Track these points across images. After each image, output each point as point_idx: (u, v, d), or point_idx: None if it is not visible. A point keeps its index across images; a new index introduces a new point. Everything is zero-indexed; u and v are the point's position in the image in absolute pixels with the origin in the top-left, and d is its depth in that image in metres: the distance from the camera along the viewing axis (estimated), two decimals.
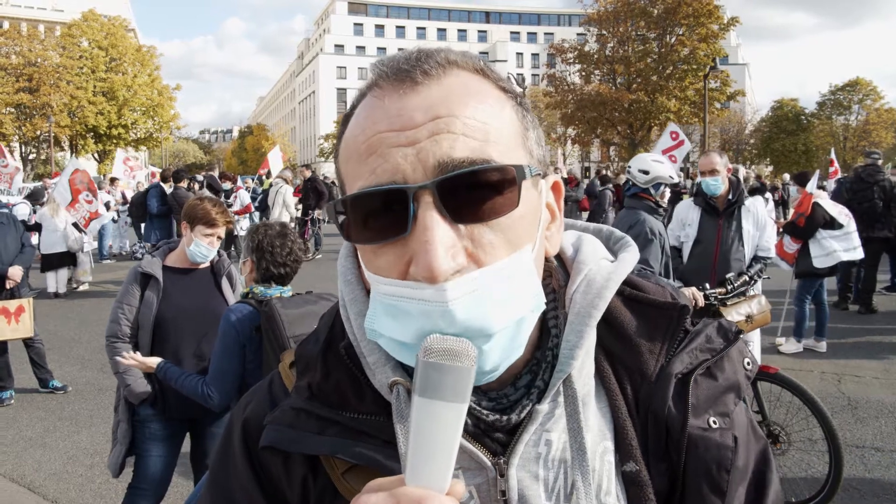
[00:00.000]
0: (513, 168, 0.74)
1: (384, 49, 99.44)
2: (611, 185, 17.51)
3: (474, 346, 0.69)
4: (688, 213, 5.62)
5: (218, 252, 4.01)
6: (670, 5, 48.67)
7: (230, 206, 17.99)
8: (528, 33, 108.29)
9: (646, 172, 5.06)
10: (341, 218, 0.78)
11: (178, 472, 4.90)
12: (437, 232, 0.70)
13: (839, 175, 18.57)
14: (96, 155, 56.65)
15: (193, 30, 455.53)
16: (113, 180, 20.70)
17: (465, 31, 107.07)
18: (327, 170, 64.87)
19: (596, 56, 53.09)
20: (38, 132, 51.49)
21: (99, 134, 54.92)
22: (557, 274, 0.93)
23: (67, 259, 13.09)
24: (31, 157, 54.69)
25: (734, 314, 4.67)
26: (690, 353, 0.91)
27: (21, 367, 7.53)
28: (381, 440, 0.83)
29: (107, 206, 18.12)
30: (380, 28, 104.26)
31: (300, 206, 18.20)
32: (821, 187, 16.85)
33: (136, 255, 18.90)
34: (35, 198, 16.32)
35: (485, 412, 0.82)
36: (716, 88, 48.15)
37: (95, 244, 18.61)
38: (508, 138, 0.78)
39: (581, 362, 0.84)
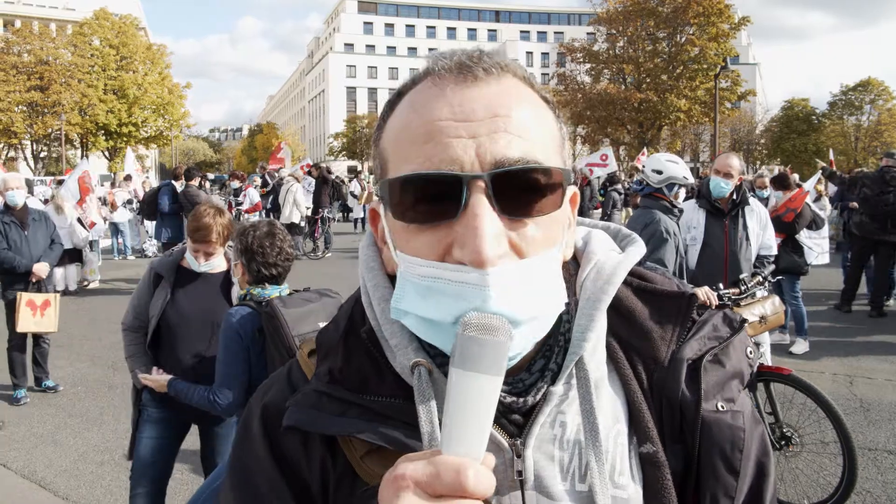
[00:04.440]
0: (562, 172, 0.80)
1: (393, 48, 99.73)
2: (618, 187, 17.31)
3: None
4: (692, 216, 5.54)
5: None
6: (680, 5, 48.52)
7: (240, 204, 18.07)
8: (538, 32, 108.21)
9: (659, 172, 5.02)
10: (391, 196, 0.81)
11: (190, 470, 4.92)
12: (487, 219, 0.74)
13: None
14: (106, 153, 56.97)
15: (208, 28, 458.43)
16: (128, 177, 20.76)
17: (474, 29, 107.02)
18: (336, 168, 65.06)
19: (605, 55, 53.00)
20: (49, 130, 51.77)
21: (109, 132, 55.19)
22: (567, 264, 0.96)
23: (74, 255, 13.14)
24: (42, 154, 55.00)
25: (748, 314, 4.63)
26: (699, 340, 0.94)
27: (30, 365, 7.55)
28: (401, 422, 0.85)
29: (129, 202, 18.25)
30: (389, 27, 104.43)
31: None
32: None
33: (145, 252, 18.98)
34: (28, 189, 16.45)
35: (502, 395, 0.85)
36: (726, 88, 47.99)
37: (108, 242, 18.73)
38: (551, 145, 0.84)
39: (593, 346, 0.88)
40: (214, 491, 3.39)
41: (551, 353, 0.89)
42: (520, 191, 0.77)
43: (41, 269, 7.26)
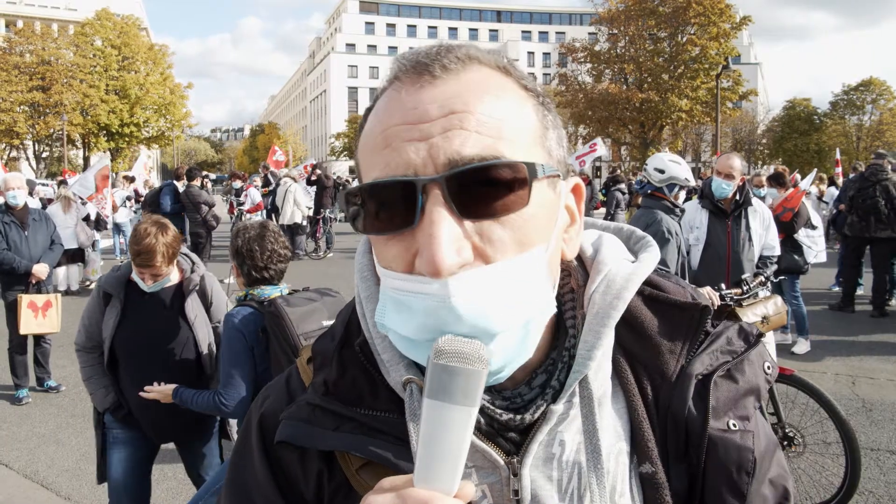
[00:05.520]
0: (524, 165, 0.73)
1: (395, 48, 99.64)
2: (622, 186, 17.22)
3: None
4: (695, 216, 5.52)
5: (192, 263, 3.77)
6: (680, 4, 48.51)
7: (241, 204, 18.03)
8: (540, 32, 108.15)
9: (661, 171, 5.02)
10: (353, 208, 0.78)
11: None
12: (443, 226, 0.70)
13: (840, 178, 18.52)
14: (108, 153, 57.11)
15: (210, 28, 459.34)
16: (132, 179, 20.74)
17: (476, 30, 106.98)
18: (338, 168, 65.11)
19: (607, 55, 53.02)
20: (51, 130, 51.84)
21: (111, 132, 55.29)
22: (576, 273, 0.92)
23: (77, 255, 13.14)
24: (44, 154, 55.07)
25: (750, 315, 4.62)
26: (711, 354, 0.90)
27: (32, 366, 7.55)
28: (394, 437, 0.83)
29: (127, 199, 18.23)
30: (391, 27, 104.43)
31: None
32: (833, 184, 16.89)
33: None
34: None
35: (498, 411, 0.82)
36: (728, 88, 47.97)
37: (110, 241, 18.72)
38: (525, 136, 0.77)
39: (598, 363, 0.84)
40: (217, 492, 3.38)
41: (554, 369, 0.85)
42: (479, 190, 0.71)
43: (41, 270, 7.25)
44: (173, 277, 3.62)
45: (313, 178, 19.21)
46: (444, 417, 0.65)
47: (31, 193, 16.47)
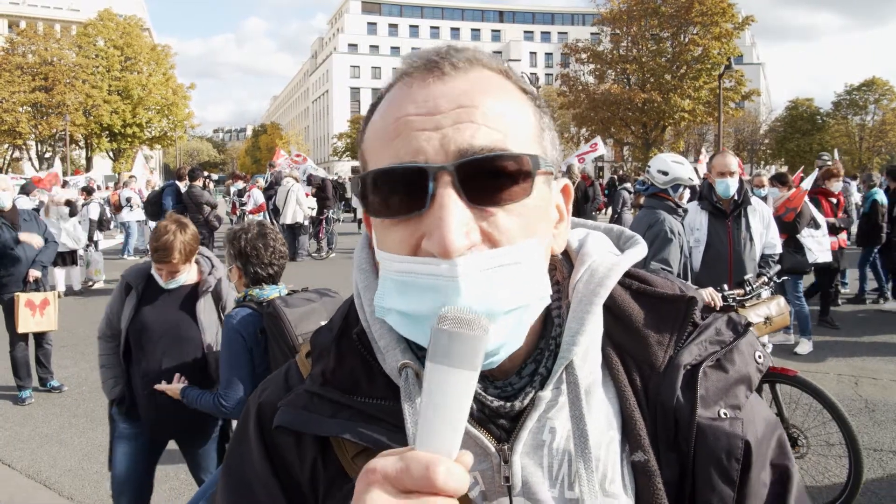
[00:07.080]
0: (528, 158, 0.78)
1: (397, 48, 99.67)
2: (628, 185, 17.21)
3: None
4: (695, 218, 5.51)
5: (212, 266, 3.81)
6: (683, 4, 48.45)
7: (244, 204, 18.05)
8: (542, 32, 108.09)
9: (665, 173, 5.00)
10: (363, 192, 0.82)
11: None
12: (454, 210, 0.74)
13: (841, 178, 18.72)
14: (111, 153, 57.19)
15: (214, 29, 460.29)
16: (133, 177, 20.81)
17: (478, 30, 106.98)
18: (340, 168, 65.16)
19: (609, 56, 52.96)
20: (54, 131, 51.85)
21: (114, 133, 55.30)
22: (561, 266, 0.96)
23: (68, 258, 13.12)
24: (46, 155, 55.12)
25: (753, 315, 4.62)
26: (699, 344, 0.92)
27: (35, 366, 7.56)
28: (390, 424, 0.85)
29: (128, 200, 18.28)
30: (393, 27, 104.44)
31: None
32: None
33: (148, 252, 19.01)
34: (25, 191, 16.57)
35: (489, 398, 0.85)
36: (730, 88, 47.91)
37: (112, 242, 18.76)
38: (526, 135, 0.82)
39: (584, 350, 0.86)
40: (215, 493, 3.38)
41: (542, 358, 0.88)
42: (487, 179, 0.76)
43: (32, 274, 7.29)
44: (191, 277, 3.72)
45: (312, 192, 18.94)
46: (445, 380, 0.67)
47: (27, 193, 16.56)
